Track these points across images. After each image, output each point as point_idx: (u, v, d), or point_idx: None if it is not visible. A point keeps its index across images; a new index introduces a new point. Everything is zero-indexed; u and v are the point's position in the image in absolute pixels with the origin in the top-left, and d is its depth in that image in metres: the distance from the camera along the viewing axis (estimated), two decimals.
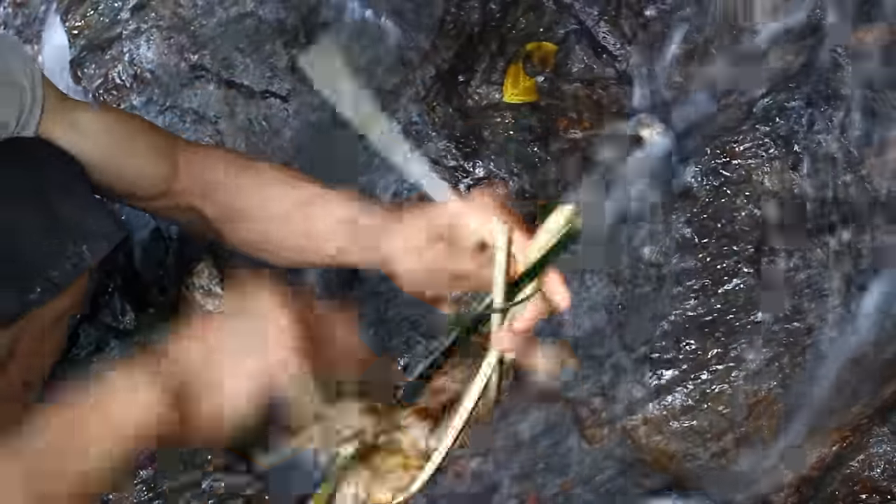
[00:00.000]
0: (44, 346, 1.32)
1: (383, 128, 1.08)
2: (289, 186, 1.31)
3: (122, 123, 1.32)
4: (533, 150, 1.66)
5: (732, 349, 1.56)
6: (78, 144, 1.26)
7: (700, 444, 1.57)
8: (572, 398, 1.62)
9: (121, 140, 1.30)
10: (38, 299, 1.20)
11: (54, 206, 1.20)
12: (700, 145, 1.61)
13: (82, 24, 1.89)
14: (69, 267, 1.22)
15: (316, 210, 1.26)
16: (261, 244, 1.33)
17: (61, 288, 1.22)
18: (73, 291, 1.26)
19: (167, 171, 1.33)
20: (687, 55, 1.64)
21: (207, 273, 1.85)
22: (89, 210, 1.24)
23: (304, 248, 1.28)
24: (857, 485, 1.53)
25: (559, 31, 1.69)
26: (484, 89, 1.70)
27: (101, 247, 1.23)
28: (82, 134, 1.27)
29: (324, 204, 1.26)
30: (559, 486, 1.63)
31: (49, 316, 1.26)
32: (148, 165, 1.32)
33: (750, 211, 1.58)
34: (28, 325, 1.24)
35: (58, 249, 1.21)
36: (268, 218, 1.30)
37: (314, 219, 1.25)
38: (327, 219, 1.24)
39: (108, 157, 1.28)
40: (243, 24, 1.80)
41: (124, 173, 1.30)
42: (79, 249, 1.22)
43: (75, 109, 1.29)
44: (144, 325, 1.76)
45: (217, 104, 1.81)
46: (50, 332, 1.30)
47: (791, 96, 1.59)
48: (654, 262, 1.61)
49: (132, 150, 1.31)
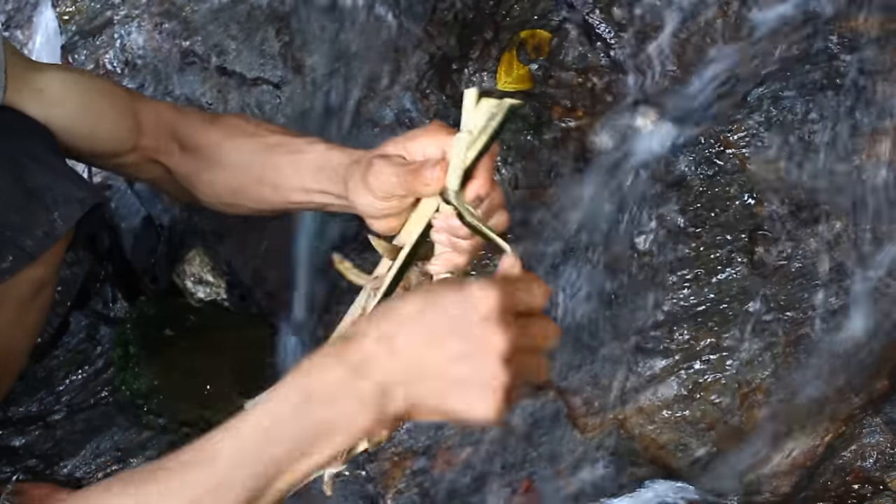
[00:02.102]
0: (24, 318, 1.31)
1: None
2: (254, 134, 1.32)
3: (85, 84, 1.32)
4: (526, 138, 1.65)
5: (725, 339, 1.56)
6: (45, 110, 1.26)
7: (692, 433, 1.57)
8: (564, 388, 1.62)
9: (86, 101, 1.30)
10: (10, 268, 1.20)
11: (24, 174, 1.20)
12: (694, 134, 1.61)
13: (73, 10, 1.89)
14: (41, 235, 1.21)
15: (281, 156, 1.26)
16: (227, 194, 1.34)
17: (34, 256, 1.21)
18: (48, 260, 1.25)
19: (132, 127, 1.34)
20: (681, 44, 1.63)
21: (199, 261, 1.84)
22: (60, 177, 1.23)
23: (271, 194, 1.29)
24: (849, 475, 1.53)
25: (553, 18, 1.68)
26: (477, 77, 1.69)
27: (73, 212, 1.23)
28: (49, 99, 1.26)
29: (289, 148, 1.27)
30: (552, 475, 1.63)
31: (25, 286, 1.26)
32: (113, 123, 1.32)
33: (743, 200, 1.57)
34: (5, 294, 1.23)
35: (29, 218, 1.20)
36: (234, 165, 1.31)
37: (280, 164, 1.26)
38: (293, 163, 1.25)
39: (75, 120, 1.29)
40: (235, 10, 1.79)
41: (91, 134, 1.31)
42: (51, 217, 1.21)
43: (41, 74, 1.28)
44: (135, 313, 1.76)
45: (209, 91, 1.80)
46: (29, 304, 1.29)
47: (785, 86, 1.58)
48: (646, 252, 1.60)
49: (98, 110, 1.31)
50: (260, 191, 1.29)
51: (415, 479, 1.66)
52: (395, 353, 0.86)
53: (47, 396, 1.74)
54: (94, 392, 1.75)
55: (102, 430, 1.72)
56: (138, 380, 1.68)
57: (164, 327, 1.74)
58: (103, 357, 1.76)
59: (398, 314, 0.87)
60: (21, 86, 1.24)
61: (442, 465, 1.65)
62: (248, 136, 1.32)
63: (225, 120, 1.39)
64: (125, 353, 1.70)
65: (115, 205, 1.86)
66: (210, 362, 1.70)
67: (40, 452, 1.70)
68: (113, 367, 1.73)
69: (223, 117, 1.40)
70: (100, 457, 1.70)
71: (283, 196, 1.28)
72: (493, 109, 1.03)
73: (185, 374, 1.69)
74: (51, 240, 1.22)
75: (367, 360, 0.86)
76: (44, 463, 1.69)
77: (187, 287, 1.84)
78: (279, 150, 1.27)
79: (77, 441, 1.71)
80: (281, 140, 1.29)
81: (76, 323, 1.77)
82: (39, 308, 1.33)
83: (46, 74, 1.29)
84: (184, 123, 1.36)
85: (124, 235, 1.88)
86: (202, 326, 1.77)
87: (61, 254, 1.29)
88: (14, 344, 1.35)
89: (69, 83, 1.30)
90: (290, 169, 1.25)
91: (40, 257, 1.22)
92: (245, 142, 1.31)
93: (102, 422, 1.72)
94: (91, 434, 1.71)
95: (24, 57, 1.30)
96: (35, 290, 1.28)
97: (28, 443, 1.70)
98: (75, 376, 1.75)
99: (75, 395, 1.74)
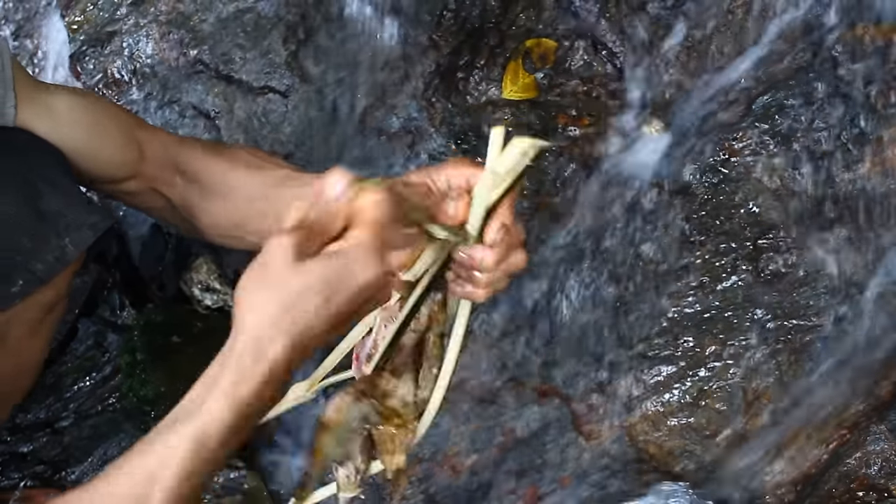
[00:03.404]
0: (34, 338, 1.30)
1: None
2: (259, 168, 1.30)
3: (92, 106, 1.31)
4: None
5: (730, 346, 1.56)
6: (54, 130, 1.24)
7: (697, 441, 1.57)
8: (570, 394, 1.62)
9: (94, 123, 1.29)
10: (21, 292, 1.19)
11: (37, 197, 1.19)
12: (699, 142, 1.61)
13: (82, 19, 1.89)
14: (52, 259, 1.20)
15: (289, 189, 1.25)
16: (230, 227, 1.32)
17: (44, 281, 1.20)
18: (58, 284, 1.24)
19: (135, 153, 1.32)
20: (686, 52, 1.64)
21: (206, 268, 1.85)
22: (72, 201, 1.22)
23: (271, 229, 1.27)
24: (854, 482, 1.53)
25: (559, 27, 1.69)
26: (483, 86, 1.70)
27: (85, 237, 1.22)
28: (58, 120, 1.25)
29: (298, 182, 1.25)
30: (557, 482, 1.63)
31: (35, 309, 1.25)
32: (118, 148, 1.31)
33: (749, 208, 1.58)
34: (14, 318, 1.22)
35: (40, 242, 1.19)
36: (236, 198, 1.29)
37: (287, 197, 1.23)
38: (301, 196, 1.22)
39: (83, 142, 1.27)
40: (243, 19, 1.80)
41: (96, 157, 1.29)
42: (62, 242, 1.20)
43: (49, 95, 1.27)
44: (143, 321, 1.76)
45: (216, 99, 1.81)
46: (39, 326, 1.28)
47: (791, 94, 1.58)
48: (652, 259, 1.61)
49: (104, 132, 1.30)
50: (263, 224, 1.26)
51: (420, 486, 1.66)
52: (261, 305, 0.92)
53: (55, 403, 1.74)
54: (101, 398, 1.75)
55: (110, 436, 1.72)
56: (145, 386, 1.68)
57: (171, 334, 1.75)
58: (111, 364, 1.76)
59: (287, 304, 0.93)
60: (30, 105, 1.23)
61: (447, 471, 1.65)
62: (255, 169, 1.30)
63: (230, 151, 1.37)
64: (132, 359, 1.70)
65: (123, 213, 1.87)
66: None
67: (48, 459, 1.71)
68: (120, 374, 1.73)
69: (229, 148, 1.39)
70: (107, 463, 1.69)
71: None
72: (522, 149, 1.01)
73: (191, 381, 1.67)
74: (61, 265, 1.21)
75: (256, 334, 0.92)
76: (51, 469, 1.70)
77: (194, 294, 1.85)
78: (287, 184, 1.25)
79: (85, 447, 1.71)
80: (289, 174, 1.28)
81: (84, 330, 1.78)
82: (49, 327, 1.32)
83: (55, 94, 1.28)
84: (187, 153, 1.34)
85: (132, 243, 1.89)
86: (209, 333, 1.77)
87: (72, 276, 1.28)
88: (25, 362, 1.34)
89: (78, 104, 1.29)
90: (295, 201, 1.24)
91: (50, 281, 1.22)
92: (251, 174, 1.29)
93: (110, 428, 1.73)
94: (98, 440, 1.72)
95: (31, 76, 1.29)
96: (45, 312, 1.27)
97: (36, 449, 1.71)
98: (83, 383, 1.75)
99: (83, 401, 1.75)
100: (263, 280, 0.93)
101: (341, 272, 0.92)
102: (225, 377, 0.92)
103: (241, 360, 0.92)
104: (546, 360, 1.63)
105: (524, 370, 1.64)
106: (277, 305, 0.91)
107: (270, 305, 0.92)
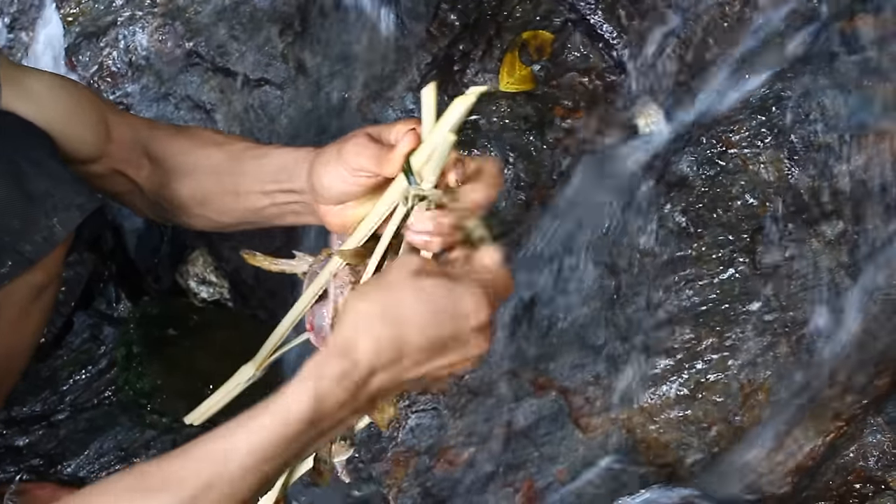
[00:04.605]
0: (25, 321, 1.30)
1: None
2: (219, 144, 1.32)
3: (68, 88, 1.32)
4: (528, 138, 1.65)
5: (727, 339, 1.56)
6: (36, 111, 1.25)
7: (694, 433, 1.57)
8: (567, 387, 1.62)
9: (67, 105, 1.29)
10: (9, 273, 1.19)
11: (24, 179, 1.19)
12: (696, 134, 1.61)
13: (77, 12, 1.89)
14: (40, 240, 1.20)
15: (246, 161, 1.26)
16: (194, 205, 1.33)
17: (33, 262, 1.20)
18: (48, 265, 1.24)
19: (103, 134, 1.33)
20: (683, 44, 1.64)
21: (202, 261, 1.85)
22: (60, 182, 1.22)
23: (233, 203, 1.28)
24: (851, 474, 1.53)
25: (555, 19, 1.69)
26: (480, 77, 1.70)
27: (73, 217, 1.22)
28: (39, 102, 1.26)
29: (255, 153, 1.26)
30: (554, 475, 1.63)
31: (25, 291, 1.25)
32: (91, 129, 1.31)
33: (745, 200, 1.58)
34: (4, 300, 1.22)
35: (28, 223, 1.19)
36: (199, 175, 1.31)
37: (245, 170, 1.26)
38: (257, 166, 1.24)
39: (61, 124, 1.28)
40: (238, 11, 1.79)
41: (69, 138, 1.29)
42: (50, 223, 1.20)
43: (28, 77, 1.28)
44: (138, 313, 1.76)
45: (212, 92, 1.80)
46: (30, 308, 1.29)
47: (787, 86, 1.59)
48: (648, 252, 1.60)
49: (80, 114, 1.30)
50: (223, 201, 1.29)
51: (417, 479, 1.66)
52: (398, 358, 0.97)
53: (51, 396, 1.74)
54: (97, 392, 1.75)
55: (106, 429, 1.72)
56: (141, 379, 1.68)
57: (167, 327, 1.74)
58: (107, 357, 1.76)
59: (394, 315, 0.96)
60: (13, 87, 1.24)
61: (444, 464, 1.65)
62: (217, 146, 1.31)
63: (194, 131, 1.39)
64: (128, 352, 1.70)
65: (119, 206, 1.87)
66: (213, 362, 1.70)
67: (44, 452, 1.71)
68: (116, 367, 1.73)
69: (193, 128, 1.40)
70: (103, 456, 1.70)
71: (244, 203, 1.27)
72: (467, 105, 1.02)
73: (188, 374, 1.69)
74: (50, 245, 1.21)
75: (367, 364, 0.95)
76: (47, 462, 1.70)
77: (190, 287, 1.84)
78: (244, 156, 1.27)
79: (80, 441, 1.71)
80: (248, 146, 1.29)
81: (80, 323, 1.77)
82: (41, 311, 1.33)
83: (33, 76, 1.29)
84: (155, 136, 1.35)
85: (128, 235, 1.89)
86: (205, 326, 1.77)
87: (61, 258, 1.29)
88: (15, 346, 1.34)
89: (56, 84, 1.30)
90: (253, 172, 1.24)
91: (39, 262, 1.22)
92: (213, 150, 1.31)
93: (106, 421, 1.72)
94: (94, 434, 1.72)
95: (11, 61, 1.30)
96: (35, 295, 1.28)
97: (32, 442, 1.71)
98: (79, 376, 1.75)
99: (79, 394, 1.74)
100: (430, 335, 0.97)
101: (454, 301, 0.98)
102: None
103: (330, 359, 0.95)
104: (543, 353, 1.63)
105: (521, 363, 1.64)
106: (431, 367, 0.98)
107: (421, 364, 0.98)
